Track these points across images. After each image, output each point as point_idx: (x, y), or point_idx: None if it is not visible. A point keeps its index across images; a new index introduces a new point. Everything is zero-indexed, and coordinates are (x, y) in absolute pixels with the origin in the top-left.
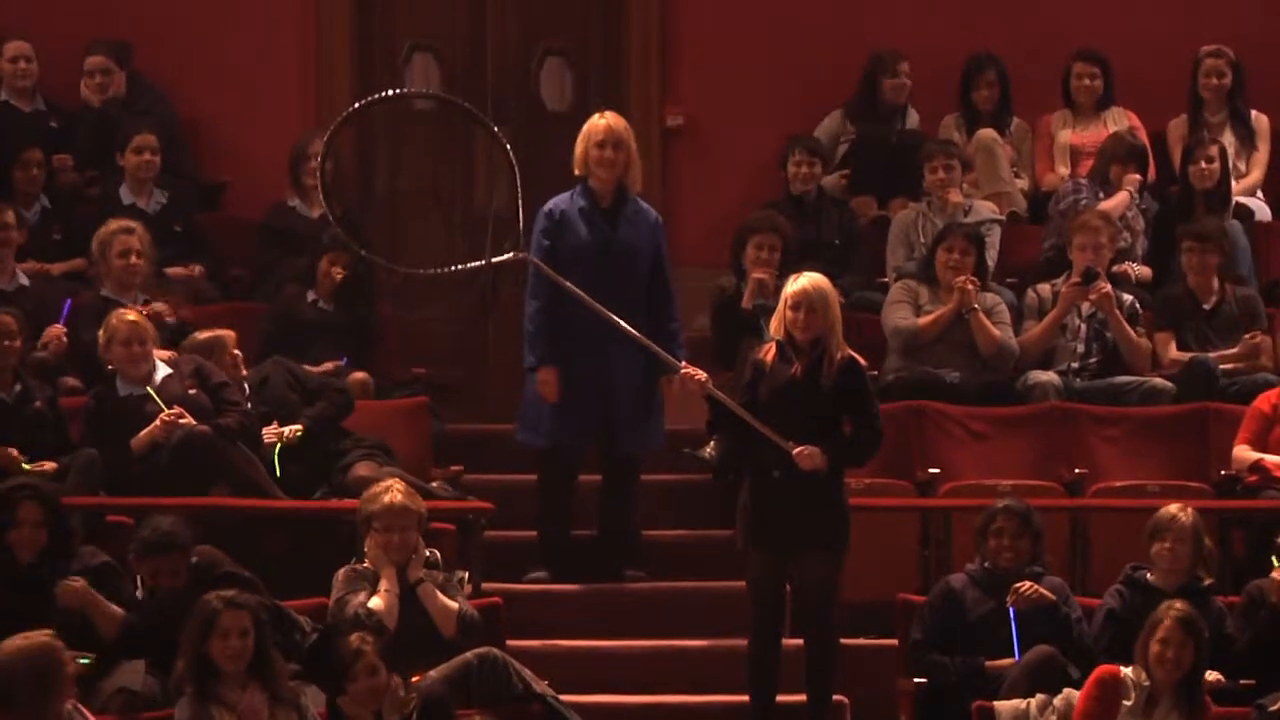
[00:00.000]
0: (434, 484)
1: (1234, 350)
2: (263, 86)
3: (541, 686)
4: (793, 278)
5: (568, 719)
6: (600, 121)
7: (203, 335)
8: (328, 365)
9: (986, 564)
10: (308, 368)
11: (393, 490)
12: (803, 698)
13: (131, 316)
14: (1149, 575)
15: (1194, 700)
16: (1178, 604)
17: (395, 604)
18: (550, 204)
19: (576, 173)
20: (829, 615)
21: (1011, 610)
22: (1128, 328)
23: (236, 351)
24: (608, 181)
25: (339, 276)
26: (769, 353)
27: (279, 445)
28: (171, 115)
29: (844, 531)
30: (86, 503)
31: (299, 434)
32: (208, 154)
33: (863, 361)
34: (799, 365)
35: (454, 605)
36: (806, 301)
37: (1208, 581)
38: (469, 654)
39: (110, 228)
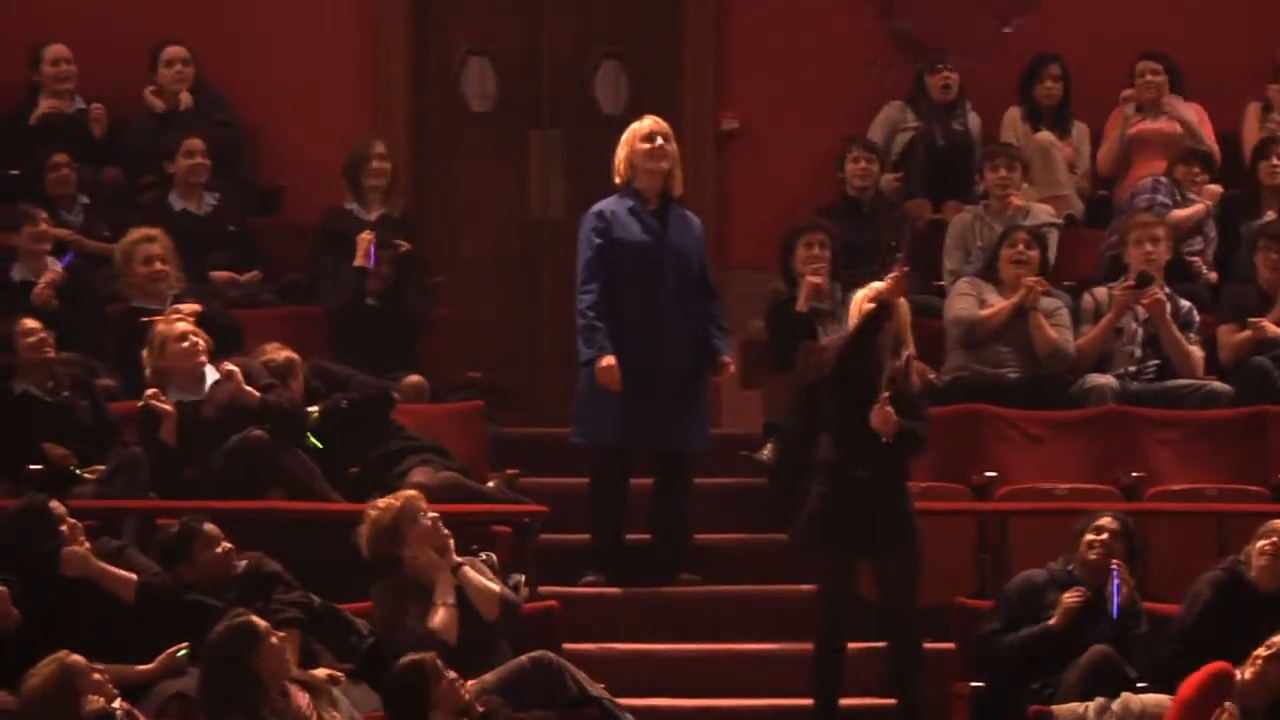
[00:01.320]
0: (490, 484)
1: None
2: (320, 91)
3: (597, 689)
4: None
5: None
6: (644, 122)
7: (278, 355)
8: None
9: (1071, 567)
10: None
11: (398, 495)
12: (863, 701)
13: (175, 317)
14: (1249, 571)
15: None
16: None
17: (455, 617)
18: (599, 205)
19: (618, 180)
20: (913, 615)
21: (1114, 566)
22: (1179, 335)
23: (300, 381)
24: (655, 180)
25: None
26: None
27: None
28: (233, 120)
29: (918, 531)
30: (141, 506)
31: (315, 415)
32: (265, 159)
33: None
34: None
35: (495, 587)
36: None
37: None
38: (523, 657)
39: (132, 237)
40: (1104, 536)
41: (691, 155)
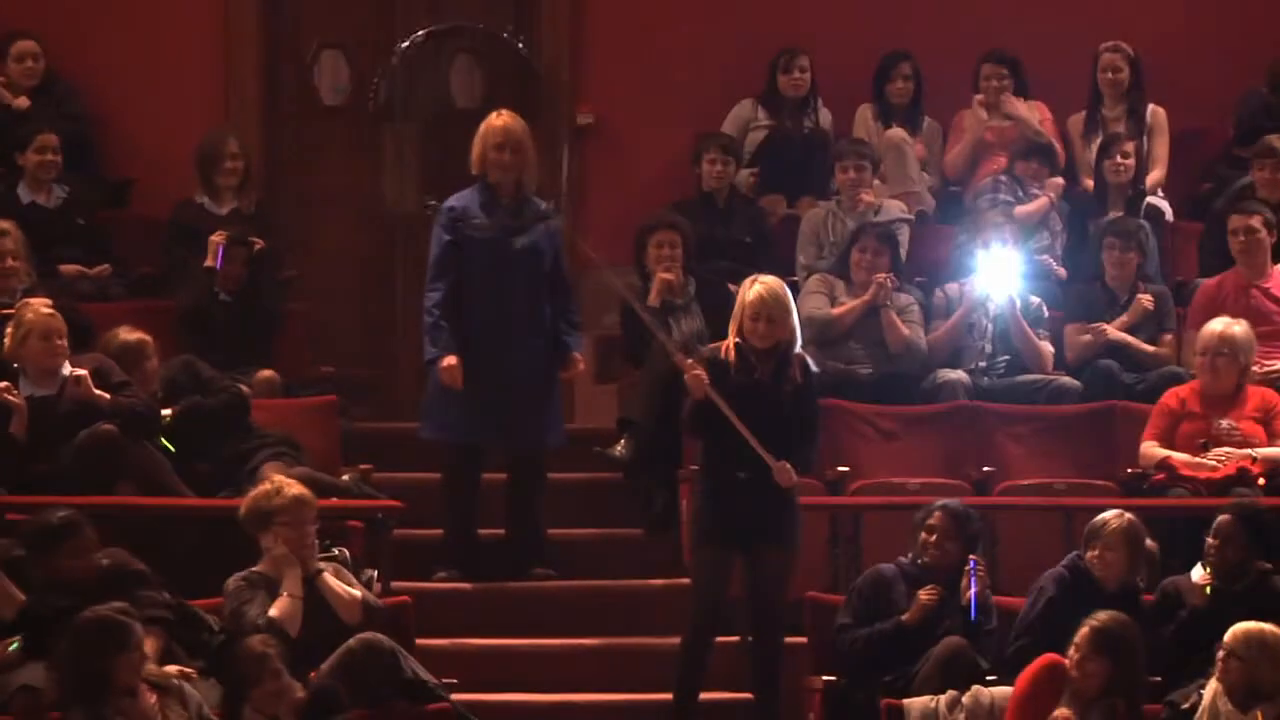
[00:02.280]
0: (344, 477)
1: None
2: (172, 84)
3: (434, 681)
4: (748, 282)
5: (462, 714)
6: (497, 122)
7: (130, 337)
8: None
9: (919, 560)
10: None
11: (294, 484)
12: (718, 695)
13: (47, 310)
14: (1091, 569)
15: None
16: (1102, 614)
17: (298, 609)
18: (451, 200)
19: (474, 171)
20: (783, 611)
21: (973, 563)
22: (1029, 331)
23: (155, 362)
24: (506, 180)
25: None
26: (729, 353)
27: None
28: (81, 111)
29: (799, 527)
30: None
31: (169, 417)
32: (116, 151)
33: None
34: (763, 370)
35: (357, 593)
36: (766, 313)
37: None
38: (351, 640)
39: None
40: (934, 537)
41: (547, 150)
